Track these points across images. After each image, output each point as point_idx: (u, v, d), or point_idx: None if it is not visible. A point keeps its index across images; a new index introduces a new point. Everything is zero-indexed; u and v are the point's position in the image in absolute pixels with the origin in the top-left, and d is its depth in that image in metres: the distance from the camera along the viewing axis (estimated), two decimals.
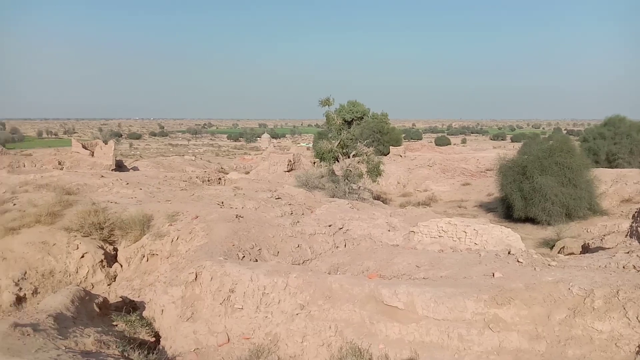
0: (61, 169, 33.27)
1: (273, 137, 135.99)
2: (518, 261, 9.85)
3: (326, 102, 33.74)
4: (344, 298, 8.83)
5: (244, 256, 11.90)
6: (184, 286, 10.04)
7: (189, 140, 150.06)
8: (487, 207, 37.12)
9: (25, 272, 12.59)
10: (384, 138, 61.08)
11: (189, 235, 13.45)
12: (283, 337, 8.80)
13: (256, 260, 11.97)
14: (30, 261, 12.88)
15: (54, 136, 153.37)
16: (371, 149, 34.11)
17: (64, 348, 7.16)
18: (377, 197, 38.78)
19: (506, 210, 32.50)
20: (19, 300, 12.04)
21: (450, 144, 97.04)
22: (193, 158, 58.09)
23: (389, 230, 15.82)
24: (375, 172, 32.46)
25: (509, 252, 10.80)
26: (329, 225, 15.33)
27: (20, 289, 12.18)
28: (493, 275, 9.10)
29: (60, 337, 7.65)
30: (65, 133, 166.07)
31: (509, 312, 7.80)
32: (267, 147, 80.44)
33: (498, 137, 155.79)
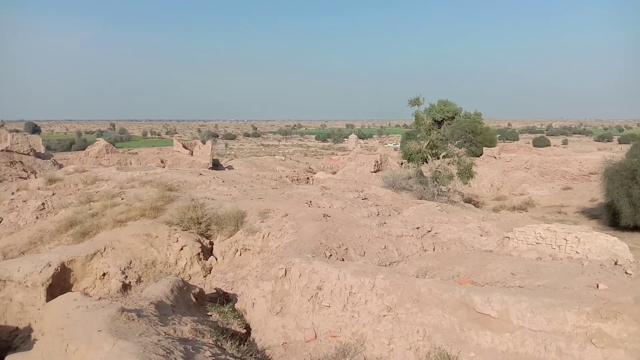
0: (163, 166, 35.68)
1: (360, 138, 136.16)
2: (626, 272, 9.01)
3: (415, 102, 33.11)
4: (433, 303, 8.59)
5: (331, 255, 12.00)
6: (274, 281, 10.33)
7: (279, 140, 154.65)
8: (590, 214, 34.44)
9: (131, 262, 13.63)
10: (477, 138, 58.65)
11: (279, 232, 13.82)
12: (369, 337, 8.75)
13: (343, 260, 12.02)
14: (135, 252, 13.92)
15: (157, 136, 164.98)
16: (463, 149, 32.93)
17: (163, 334, 7.65)
18: (468, 200, 37.41)
19: (612, 217, 29.93)
20: (125, 287, 13.07)
21: (549, 145, 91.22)
22: (283, 158, 59.75)
23: (481, 235, 15.17)
24: (466, 174, 31.30)
25: (615, 263, 9.90)
26: (417, 228, 15.01)
27: (126, 277, 13.21)
28: (597, 286, 8.39)
29: (161, 323, 8.18)
30: (167, 133, 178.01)
31: (616, 327, 7.15)
32: (354, 148, 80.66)
33: (604, 138, 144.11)
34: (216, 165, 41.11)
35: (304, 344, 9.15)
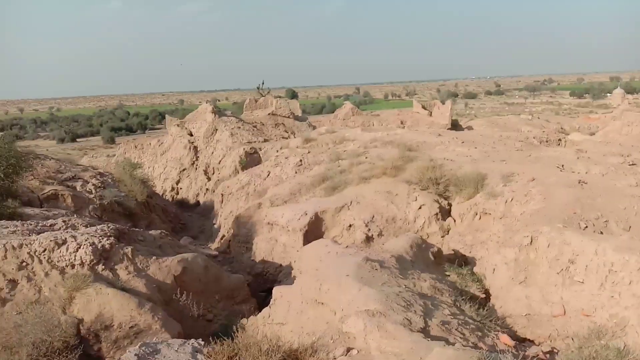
0: (403, 127, 36.58)
1: (628, 93, 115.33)
2: None
3: None
4: None
5: (586, 226, 10.61)
6: (517, 249, 9.71)
7: (525, 98, 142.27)
8: None
9: (373, 216, 14.51)
10: None
11: (524, 198, 12.83)
12: (633, 323, 7.54)
13: (601, 233, 10.52)
14: (377, 207, 14.74)
15: (397, 98, 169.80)
16: None
17: (404, 286, 7.96)
18: None
19: None
20: (368, 239, 14.04)
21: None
22: (530, 117, 54.88)
23: None
24: None
25: None
26: None
27: (369, 229, 14.14)
28: None
29: (401, 276, 8.52)
30: (407, 95, 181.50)
31: None
32: (619, 105, 68.92)
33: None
34: (455, 126, 40.26)
35: (550, 319, 8.43)
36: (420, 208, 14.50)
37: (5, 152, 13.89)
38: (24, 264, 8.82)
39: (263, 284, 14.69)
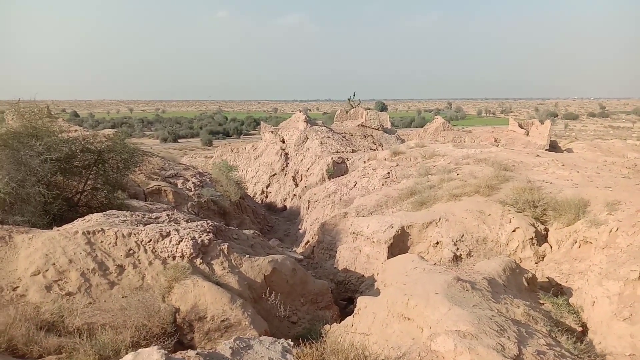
0: (497, 145, 35.18)
1: None
2: None
3: None
4: None
5: None
6: (622, 282, 8.99)
7: (633, 122, 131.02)
8: None
9: (462, 235, 14.10)
10: None
11: (632, 229, 11.83)
12: None
13: None
14: (467, 226, 14.30)
15: (491, 115, 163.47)
16: None
17: (496, 311, 7.67)
18: None
19: None
20: (455, 258, 13.66)
21: None
22: (638, 143, 50.51)
23: None
24: None
25: None
26: None
27: (457, 248, 13.76)
28: None
29: (493, 300, 8.22)
30: (502, 112, 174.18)
31: None
32: None
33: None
34: (553, 147, 38.04)
35: None
36: (514, 231, 13.87)
37: (119, 147, 15.16)
38: (131, 251, 9.60)
39: (344, 292, 14.79)
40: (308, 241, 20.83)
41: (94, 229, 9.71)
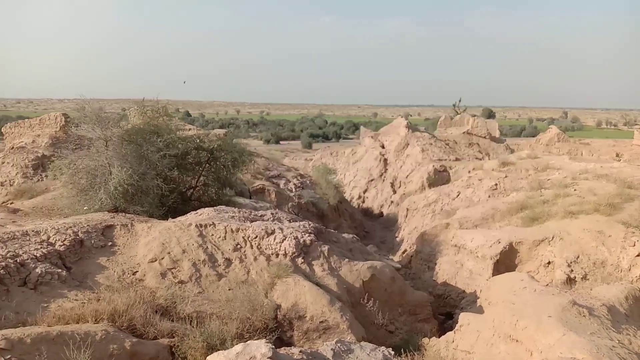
0: (619, 160, 32.12)
1: None
2: None
3: None
4: None
5: None
6: None
7: None
8: None
9: (578, 256, 12.98)
10: None
11: None
12: None
13: None
14: (584, 247, 13.14)
15: (612, 127, 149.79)
16: None
17: (617, 341, 6.95)
18: None
19: None
20: (568, 280, 12.60)
21: None
22: None
23: None
24: None
25: None
26: None
27: (572, 270, 12.69)
28: None
29: (613, 329, 7.47)
30: (625, 124, 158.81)
31: None
32: None
33: None
34: None
35: None
36: (638, 255, 12.51)
37: (229, 147, 15.96)
38: (239, 246, 10.04)
39: (443, 306, 14.29)
40: (405, 250, 20.47)
41: (205, 223, 10.30)
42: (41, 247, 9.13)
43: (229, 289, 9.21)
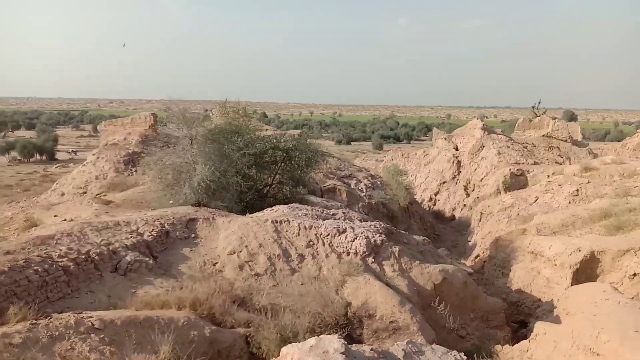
0: None
1: None
2: None
3: None
4: None
5: None
6: None
7: None
8: None
9: None
10: None
11: None
12: None
13: None
14: None
15: None
16: None
17: None
18: None
19: None
20: None
21: None
22: None
23: None
24: None
25: None
26: None
27: None
28: None
29: None
30: None
31: None
32: None
33: None
34: None
35: None
36: None
37: (304, 147, 16.36)
38: (311, 243, 10.33)
39: (517, 314, 13.85)
40: (478, 255, 19.96)
41: (281, 219, 10.69)
42: (131, 237, 9.91)
43: (302, 284, 9.51)
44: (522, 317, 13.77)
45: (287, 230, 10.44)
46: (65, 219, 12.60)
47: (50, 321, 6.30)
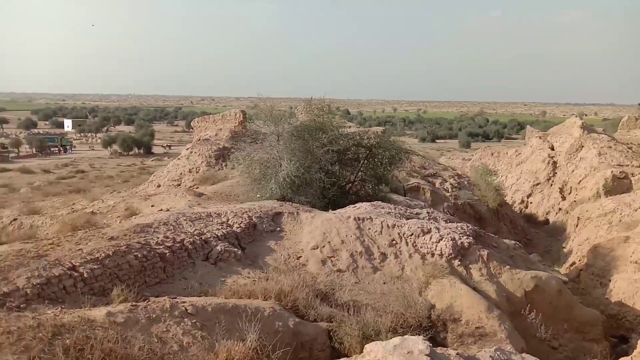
0: None
1: None
2: None
3: None
4: None
5: None
6: None
7: None
8: None
9: None
10: None
11: None
12: None
13: None
14: None
15: None
16: None
17: None
18: None
19: None
20: None
21: None
22: None
23: None
24: None
25: None
26: None
27: None
28: None
29: None
30: None
31: None
32: None
33: None
34: None
35: None
36: None
37: (387, 144, 16.20)
38: (394, 242, 10.20)
39: (616, 328, 12.85)
40: (574, 263, 18.71)
41: (363, 216, 10.67)
42: (221, 228, 10.36)
43: (384, 283, 9.43)
44: (622, 331, 12.76)
45: (369, 228, 10.39)
46: (161, 209, 13.44)
47: (149, 304, 6.74)
